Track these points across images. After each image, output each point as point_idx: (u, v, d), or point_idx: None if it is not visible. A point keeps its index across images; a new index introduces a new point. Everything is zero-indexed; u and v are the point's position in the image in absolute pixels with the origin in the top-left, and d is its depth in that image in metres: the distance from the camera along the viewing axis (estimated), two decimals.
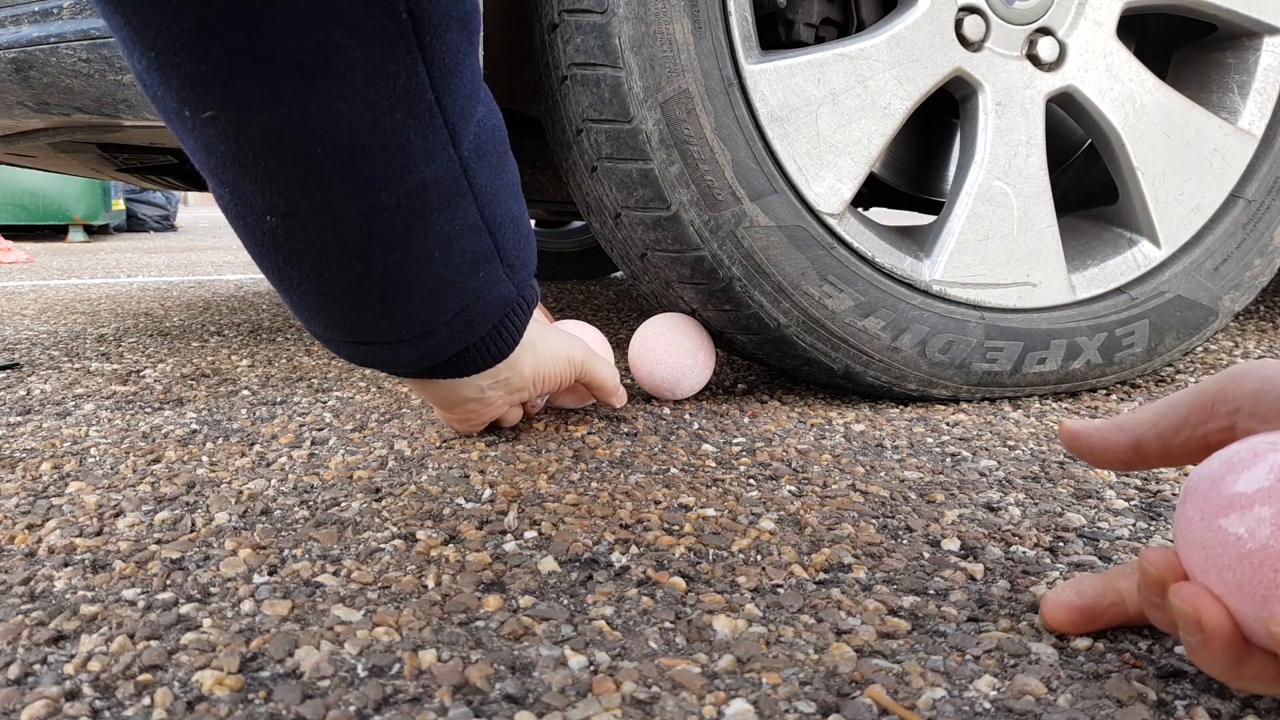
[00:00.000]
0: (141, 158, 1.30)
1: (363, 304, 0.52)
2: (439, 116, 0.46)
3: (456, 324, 0.56)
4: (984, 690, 0.36)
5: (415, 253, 0.50)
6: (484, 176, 0.52)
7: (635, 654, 0.39)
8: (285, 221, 0.47)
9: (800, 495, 0.60)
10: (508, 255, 0.56)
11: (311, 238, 0.48)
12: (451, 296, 0.54)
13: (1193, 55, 0.95)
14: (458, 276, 0.53)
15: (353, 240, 0.48)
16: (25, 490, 0.61)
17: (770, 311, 0.79)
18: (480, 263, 0.54)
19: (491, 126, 0.53)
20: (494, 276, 0.56)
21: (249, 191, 0.46)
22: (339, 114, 0.43)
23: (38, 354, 1.20)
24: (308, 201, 0.46)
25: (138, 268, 2.99)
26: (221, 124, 0.42)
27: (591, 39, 0.73)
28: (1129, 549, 0.51)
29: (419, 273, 0.51)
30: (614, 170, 0.77)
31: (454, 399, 0.65)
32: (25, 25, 0.76)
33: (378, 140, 0.44)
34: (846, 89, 0.77)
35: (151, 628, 0.41)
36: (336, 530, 0.54)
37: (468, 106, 0.49)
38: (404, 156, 0.46)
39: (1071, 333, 0.85)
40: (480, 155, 0.51)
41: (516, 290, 0.58)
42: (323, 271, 0.50)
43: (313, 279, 0.51)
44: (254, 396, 0.91)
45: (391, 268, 0.50)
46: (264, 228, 0.48)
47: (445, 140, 0.48)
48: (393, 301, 0.52)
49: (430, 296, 0.53)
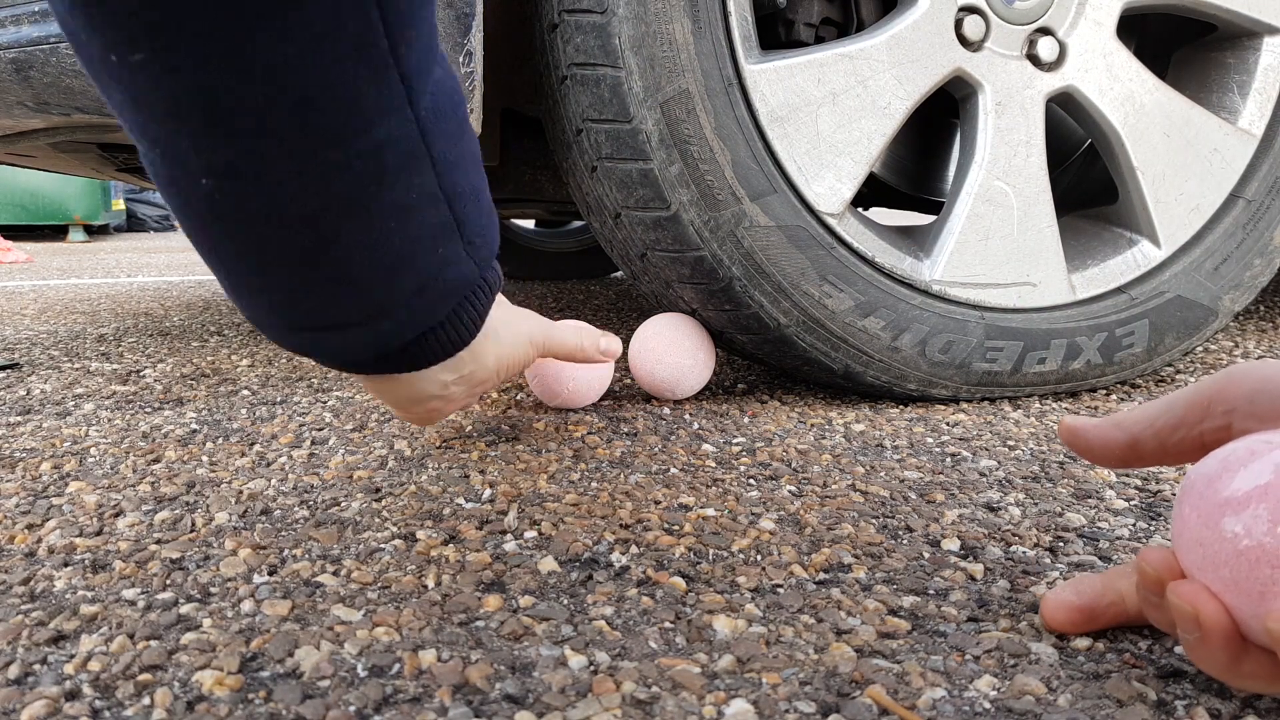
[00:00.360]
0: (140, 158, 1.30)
1: (311, 281, 0.47)
2: (394, 70, 0.42)
3: (414, 305, 0.51)
4: (984, 690, 0.36)
5: (370, 222, 0.46)
6: (442, 142, 0.47)
7: (635, 654, 0.39)
8: (224, 184, 0.42)
9: (800, 495, 0.60)
10: (469, 231, 0.51)
11: (253, 203, 0.43)
12: (409, 274, 0.49)
13: (1193, 55, 0.95)
14: (416, 252, 0.49)
15: (299, 205, 0.44)
16: (25, 490, 0.61)
17: (770, 311, 0.79)
18: (440, 237, 0.50)
19: (449, 89, 0.48)
20: (454, 254, 0.51)
21: (183, 149, 0.41)
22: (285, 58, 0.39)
23: (38, 354, 1.20)
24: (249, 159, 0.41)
25: (138, 268, 2.99)
26: (153, 69, 0.38)
27: (591, 39, 0.73)
28: (1129, 549, 0.51)
29: (375, 245, 0.47)
30: (614, 170, 0.77)
31: (414, 397, 0.60)
32: (25, 25, 0.76)
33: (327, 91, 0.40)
34: (846, 89, 0.77)
35: (151, 628, 0.41)
36: (336, 530, 0.54)
37: (425, 62, 0.44)
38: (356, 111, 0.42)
39: (1071, 333, 0.85)
40: (438, 117, 0.46)
41: (478, 270, 0.53)
42: (265, 244, 0.45)
43: (253, 252, 0.45)
44: (254, 396, 0.91)
45: (344, 238, 0.45)
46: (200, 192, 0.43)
47: (401, 97, 0.43)
48: (345, 278, 0.47)
49: (387, 273, 0.48)
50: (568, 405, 0.81)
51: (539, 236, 2.32)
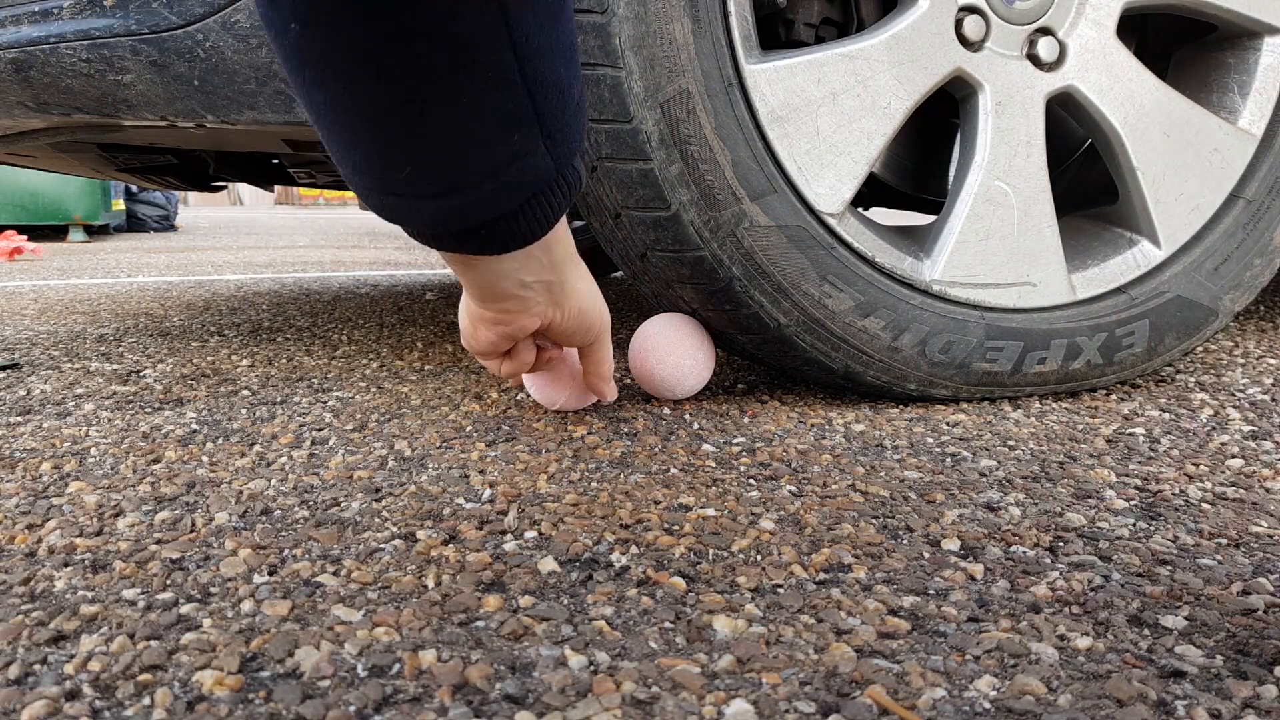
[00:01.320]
0: (141, 158, 1.30)
1: (389, 142, 0.49)
2: None
3: (485, 188, 0.52)
4: (984, 690, 0.36)
5: (438, 91, 0.46)
6: (528, 26, 0.47)
7: (635, 654, 0.39)
8: (307, 31, 0.45)
9: (800, 495, 0.60)
10: (549, 125, 0.51)
11: (333, 52, 0.45)
12: (481, 155, 0.50)
13: (1193, 55, 0.95)
14: (489, 133, 0.49)
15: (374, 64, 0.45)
16: (25, 490, 0.61)
17: (770, 311, 0.79)
18: (515, 125, 0.50)
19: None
20: (531, 145, 0.51)
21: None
22: None
23: (38, 354, 1.20)
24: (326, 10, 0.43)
25: (138, 268, 2.99)
26: None
27: (591, 39, 0.73)
28: (1129, 549, 0.51)
29: (443, 116, 0.48)
30: (614, 170, 0.77)
31: (493, 289, 0.62)
32: (25, 25, 0.76)
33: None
34: (846, 89, 0.77)
35: (151, 628, 0.41)
36: (336, 530, 0.54)
37: None
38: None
39: (1071, 333, 0.85)
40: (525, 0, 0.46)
41: (555, 167, 0.53)
42: (347, 95, 0.47)
43: (340, 104, 0.48)
44: (254, 396, 0.91)
45: (415, 105, 0.47)
46: (289, 38, 0.45)
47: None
48: (416, 145, 0.49)
49: (457, 149, 0.50)
50: (566, 408, 0.81)
51: None
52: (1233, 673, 0.38)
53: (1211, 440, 0.72)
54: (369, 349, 1.20)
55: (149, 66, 0.75)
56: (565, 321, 0.67)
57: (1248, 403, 0.85)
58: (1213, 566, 0.48)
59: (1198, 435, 0.74)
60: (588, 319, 0.68)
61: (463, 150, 0.50)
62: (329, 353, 1.18)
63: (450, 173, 0.51)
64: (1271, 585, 0.46)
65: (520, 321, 0.66)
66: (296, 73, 0.47)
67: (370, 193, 0.54)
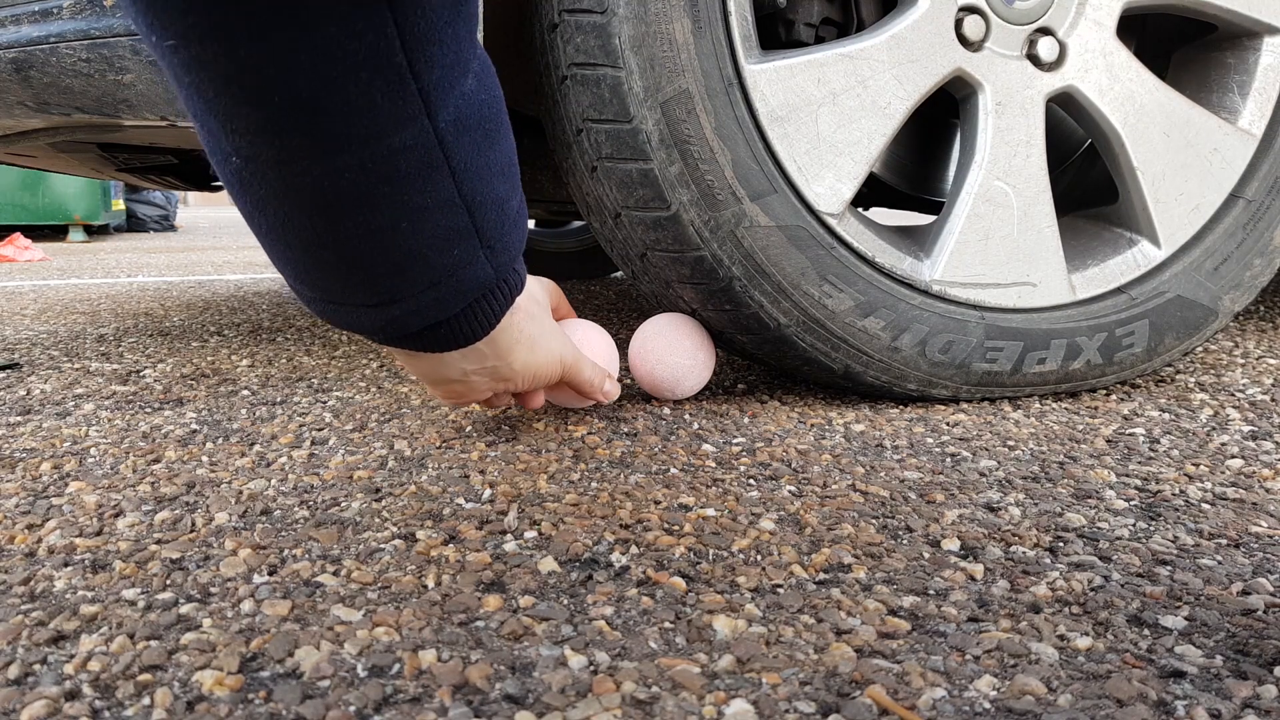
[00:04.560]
0: (141, 158, 1.30)
1: (327, 262, 0.51)
2: (411, 84, 0.45)
3: (426, 298, 0.55)
4: (984, 690, 0.36)
5: (379, 220, 0.49)
6: (465, 152, 0.50)
7: (635, 654, 0.39)
8: (248, 166, 0.46)
9: (800, 495, 0.60)
10: (488, 236, 0.54)
11: (273, 187, 0.47)
12: (420, 269, 0.53)
13: (1193, 55, 0.95)
14: (428, 250, 0.52)
15: (314, 197, 0.47)
16: (25, 490, 0.61)
17: (770, 311, 0.79)
18: (455, 240, 0.53)
19: (481, 102, 0.51)
20: (470, 256, 0.54)
21: (214, 128, 0.45)
22: (298, 65, 0.42)
23: (38, 354, 1.20)
24: (267, 149, 0.45)
25: (138, 268, 2.99)
26: (182, 55, 0.42)
27: (591, 39, 0.73)
28: (1129, 549, 0.51)
29: (384, 240, 0.50)
30: (614, 170, 0.77)
31: (436, 377, 0.64)
32: (25, 25, 0.76)
33: (339, 98, 0.43)
34: (846, 89, 0.77)
35: (151, 628, 0.41)
36: (336, 530, 0.54)
37: (449, 77, 0.47)
38: (368, 120, 0.45)
39: (1071, 333, 0.85)
40: (461, 129, 0.49)
41: (495, 273, 0.56)
42: (287, 222, 0.49)
43: (279, 228, 0.50)
44: (254, 396, 0.91)
45: (354, 231, 0.49)
46: (230, 168, 0.47)
47: (418, 109, 0.46)
48: (356, 265, 0.51)
49: (396, 266, 0.52)
50: (571, 404, 0.81)
51: (539, 236, 2.32)
52: (1233, 673, 0.38)
53: (1211, 440, 0.72)
54: (369, 349, 1.20)
55: (149, 66, 0.75)
56: (520, 387, 0.68)
57: (1248, 403, 0.85)
58: (1213, 566, 0.48)
59: (1198, 435, 0.74)
60: (543, 378, 0.69)
61: (402, 267, 0.52)
62: (329, 353, 1.18)
63: (391, 285, 0.53)
64: (1271, 585, 0.46)
65: (468, 399, 0.68)
66: (238, 197, 0.49)
67: (311, 301, 0.56)
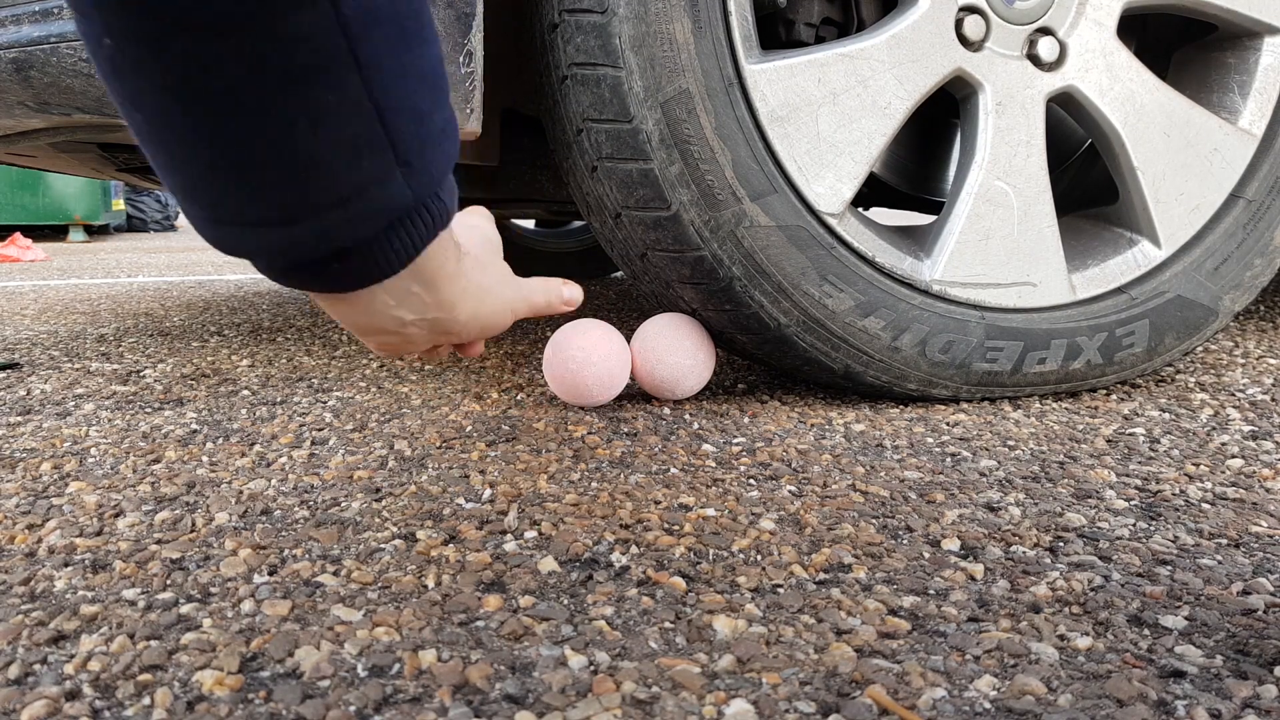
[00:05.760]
0: (141, 158, 1.30)
1: (215, 166, 0.45)
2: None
3: (332, 218, 0.48)
4: (984, 690, 0.36)
5: (271, 116, 0.44)
6: (374, 48, 0.44)
7: (635, 654, 0.39)
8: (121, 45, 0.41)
9: (800, 495, 0.60)
10: (404, 151, 0.48)
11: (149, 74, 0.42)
12: (322, 182, 0.47)
13: (1193, 55, 0.95)
14: (331, 159, 0.46)
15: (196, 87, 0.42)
16: (25, 490, 0.61)
17: (770, 311, 0.79)
18: (363, 151, 0.47)
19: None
20: (383, 172, 0.48)
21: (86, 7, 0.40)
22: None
23: (38, 354, 1.20)
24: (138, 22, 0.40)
25: (138, 268, 2.99)
26: None
27: (592, 39, 0.73)
28: (1129, 549, 0.51)
29: (277, 141, 0.45)
30: (614, 170, 0.77)
31: (367, 326, 0.57)
32: (25, 25, 0.76)
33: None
34: (847, 89, 0.77)
35: (151, 628, 0.41)
36: (336, 530, 0.54)
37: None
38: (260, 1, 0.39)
39: (1072, 332, 0.85)
40: (372, 21, 0.44)
41: (414, 196, 0.50)
42: (165, 118, 0.43)
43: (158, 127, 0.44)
44: (254, 396, 0.91)
45: (244, 129, 0.44)
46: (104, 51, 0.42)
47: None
48: (247, 170, 0.45)
49: (293, 174, 0.46)
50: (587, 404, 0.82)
51: (539, 236, 2.32)
52: (1233, 673, 0.38)
53: (1211, 440, 0.72)
54: (369, 349, 1.20)
55: None
56: (464, 339, 0.61)
57: (1248, 403, 0.85)
58: (1213, 566, 0.48)
59: (1198, 435, 0.74)
60: (491, 329, 0.63)
61: (301, 176, 0.46)
62: (329, 353, 1.18)
63: (289, 200, 0.47)
64: (1271, 585, 0.46)
65: (403, 350, 0.61)
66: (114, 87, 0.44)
67: (200, 221, 0.49)
